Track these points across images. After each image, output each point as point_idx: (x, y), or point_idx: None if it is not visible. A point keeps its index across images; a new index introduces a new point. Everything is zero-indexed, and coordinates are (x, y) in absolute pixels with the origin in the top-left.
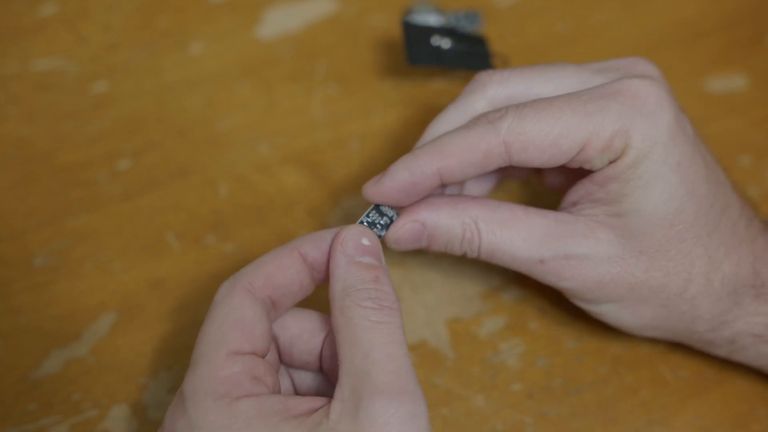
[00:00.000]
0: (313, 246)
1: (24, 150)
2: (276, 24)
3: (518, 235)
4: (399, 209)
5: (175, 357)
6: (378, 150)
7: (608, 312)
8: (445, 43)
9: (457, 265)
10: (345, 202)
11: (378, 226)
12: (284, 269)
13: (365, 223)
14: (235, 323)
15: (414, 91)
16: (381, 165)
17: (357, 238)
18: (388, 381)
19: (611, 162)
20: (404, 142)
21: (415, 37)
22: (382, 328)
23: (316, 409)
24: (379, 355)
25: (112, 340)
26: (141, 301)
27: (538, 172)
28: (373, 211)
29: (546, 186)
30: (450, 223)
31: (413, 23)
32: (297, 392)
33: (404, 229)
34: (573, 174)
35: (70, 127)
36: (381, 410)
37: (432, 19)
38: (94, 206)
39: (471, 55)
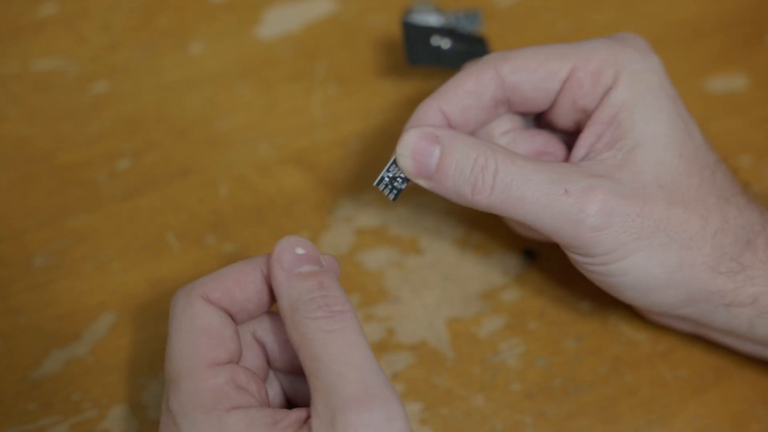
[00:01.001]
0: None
1: (24, 150)
2: (276, 24)
3: (539, 167)
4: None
5: None
6: (378, 150)
7: (633, 267)
8: (445, 43)
9: (457, 266)
10: (345, 202)
11: (399, 179)
12: (243, 284)
13: (386, 178)
14: (204, 332)
15: (414, 91)
16: (381, 165)
17: (291, 250)
18: (355, 390)
19: (606, 94)
20: None
21: (415, 37)
22: (337, 336)
23: (304, 420)
24: (342, 366)
25: (112, 340)
26: (141, 301)
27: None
28: (393, 165)
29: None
30: (465, 143)
31: (413, 23)
32: (288, 398)
33: (418, 138)
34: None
35: (70, 127)
36: (355, 422)
37: (432, 19)
38: (94, 206)
39: (471, 55)
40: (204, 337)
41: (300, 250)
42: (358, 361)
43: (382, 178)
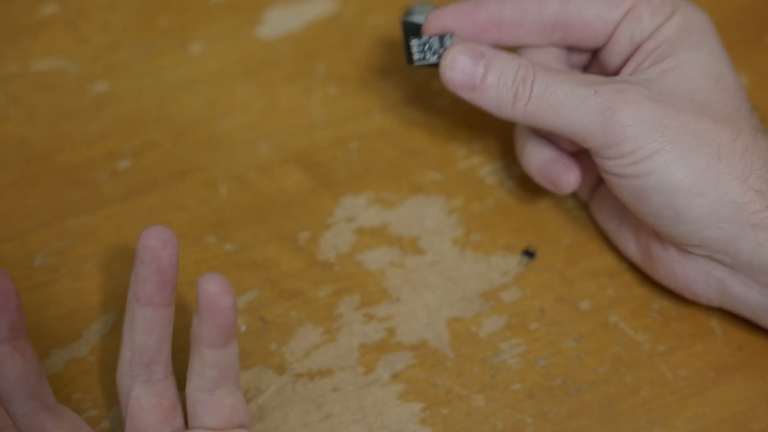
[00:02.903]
0: None
1: (24, 150)
2: (276, 24)
3: (572, 75)
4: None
5: (175, 357)
6: (378, 150)
7: (660, 165)
8: (445, 43)
9: (457, 266)
10: (345, 202)
11: (432, 50)
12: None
13: (419, 46)
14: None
15: (414, 91)
16: (381, 165)
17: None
18: None
19: (657, 29)
20: (404, 142)
21: (415, 37)
22: None
23: None
24: None
25: (112, 340)
26: None
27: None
28: (436, 38)
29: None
30: (507, 56)
31: (413, 23)
32: None
33: (464, 54)
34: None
35: (70, 127)
36: None
37: None
38: (94, 206)
39: None
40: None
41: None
42: None
43: (420, 42)
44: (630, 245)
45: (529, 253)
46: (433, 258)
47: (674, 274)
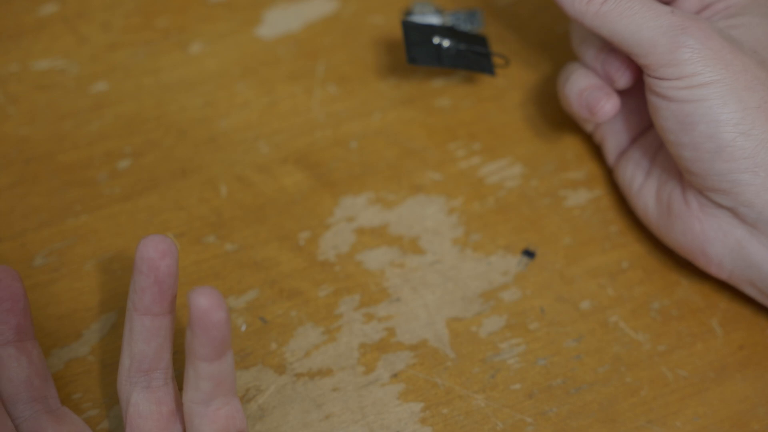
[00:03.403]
0: None
1: (24, 150)
2: (276, 24)
3: None
4: None
5: (175, 357)
6: (378, 150)
7: (715, 94)
8: (445, 43)
9: (457, 266)
10: (345, 202)
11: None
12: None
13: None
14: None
15: (414, 91)
16: (381, 165)
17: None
18: None
19: None
20: (404, 142)
21: (415, 37)
22: None
23: None
24: None
25: (112, 340)
26: None
27: None
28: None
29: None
30: None
31: (413, 23)
32: None
33: None
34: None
35: (70, 127)
36: None
37: (432, 19)
38: (94, 206)
39: (471, 55)
40: None
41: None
42: None
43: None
44: (650, 202)
45: (529, 253)
46: (433, 258)
47: (692, 232)
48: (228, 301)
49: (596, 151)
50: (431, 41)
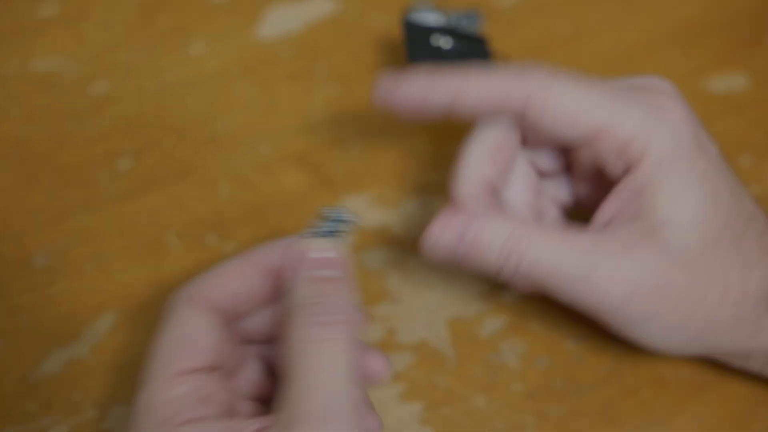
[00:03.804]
0: (275, 257)
1: (24, 150)
2: (276, 24)
3: (563, 246)
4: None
5: None
6: (378, 150)
7: (654, 335)
8: (445, 43)
9: (458, 266)
10: (345, 202)
11: (338, 233)
12: (243, 280)
13: (324, 233)
14: (180, 340)
15: None
16: (381, 165)
17: (315, 253)
18: (316, 407)
19: (628, 171)
20: (404, 142)
21: (416, 37)
22: (322, 347)
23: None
24: (313, 379)
25: (112, 340)
26: (141, 301)
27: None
28: (330, 220)
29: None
30: (494, 227)
31: (413, 23)
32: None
33: (446, 226)
34: (598, 187)
35: (70, 127)
36: None
37: (432, 19)
38: (94, 206)
39: (471, 55)
40: (178, 344)
41: (324, 254)
42: (331, 378)
43: (321, 231)
44: None
45: None
46: None
47: None
48: None
49: None
50: (431, 41)
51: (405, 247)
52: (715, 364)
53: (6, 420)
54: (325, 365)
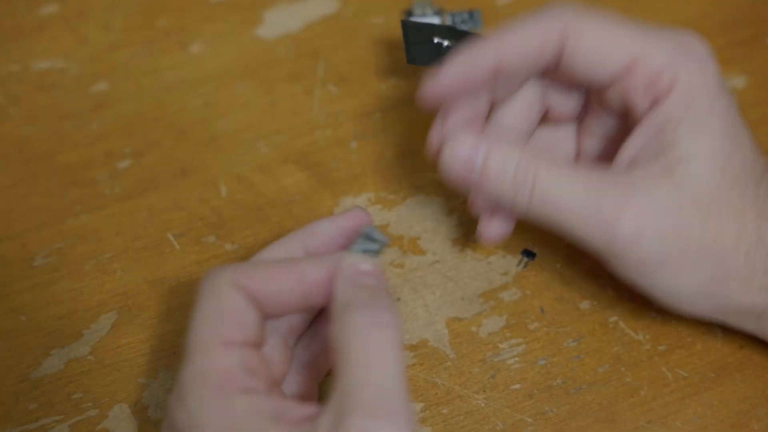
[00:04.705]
0: (320, 272)
1: (24, 150)
2: (276, 24)
3: (576, 177)
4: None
5: (175, 357)
6: (378, 150)
7: (664, 279)
8: (444, 43)
9: (457, 266)
10: (345, 202)
11: (370, 252)
12: (283, 285)
13: (365, 250)
14: (224, 313)
15: (414, 91)
16: (381, 165)
17: (357, 265)
18: (371, 398)
19: (654, 105)
20: (404, 142)
21: (415, 37)
22: (377, 344)
23: (309, 418)
24: (368, 373)
25: (112, 340)
26: (141, 301)
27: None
28: (362, 239)
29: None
30: (506, 152)
31: (413, 23)
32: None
33: (462, 145)
34: (608, 141)
35: (70, 127)
36: (359, 427)
37: (432, 19)
38: (94, 206)
39: None
40: (223, 317)
41: (366, 266)
42: (386, 372)
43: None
44: None
45: (529, 253)
46: (433, 258)
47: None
48: None
49: None
50: (431, 41)
51: (405, 247)
52: (715, 364)
53: (6, 420)
54: (381, 361)
